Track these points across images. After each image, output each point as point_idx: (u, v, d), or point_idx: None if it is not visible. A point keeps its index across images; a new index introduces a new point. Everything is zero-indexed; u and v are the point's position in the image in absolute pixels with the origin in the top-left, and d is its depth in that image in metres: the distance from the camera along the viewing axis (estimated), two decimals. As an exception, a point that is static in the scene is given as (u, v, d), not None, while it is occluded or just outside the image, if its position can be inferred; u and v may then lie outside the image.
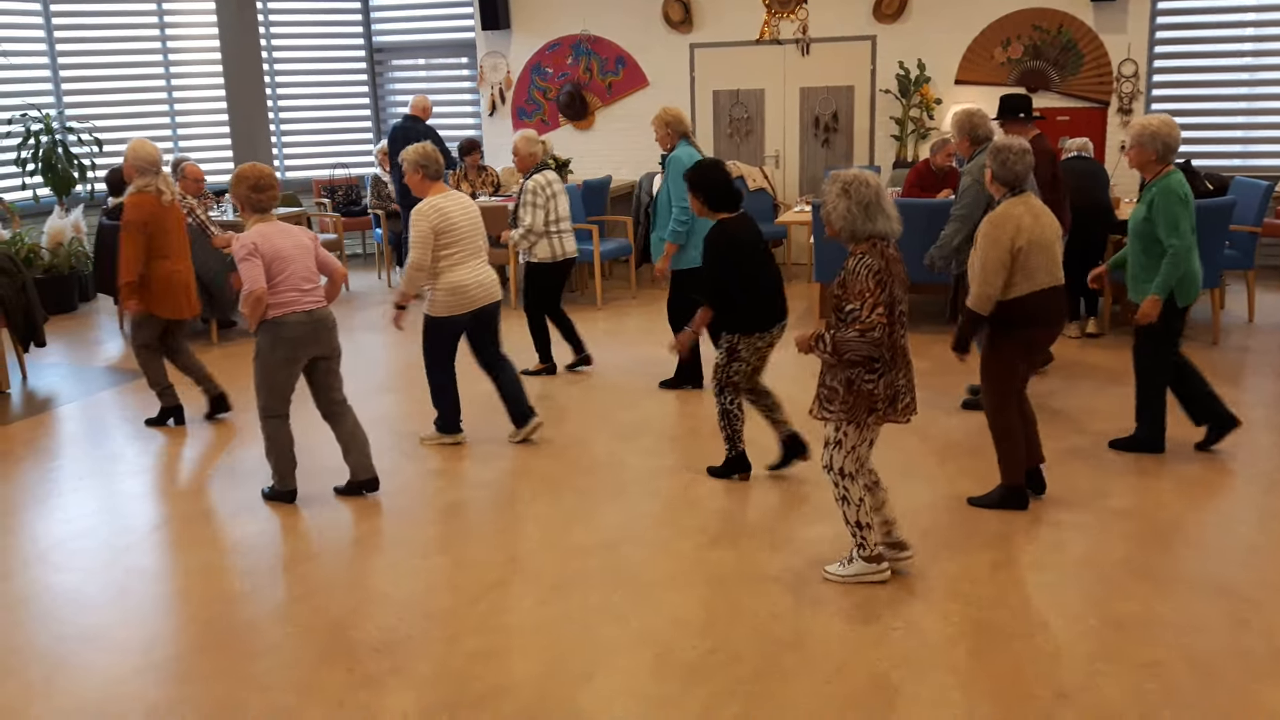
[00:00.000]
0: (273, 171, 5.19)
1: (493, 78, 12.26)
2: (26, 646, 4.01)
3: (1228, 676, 3.59)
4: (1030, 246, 4.76)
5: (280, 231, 5.11)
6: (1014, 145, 4.86)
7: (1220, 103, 10.46)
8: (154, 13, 11.90)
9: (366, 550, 4.77)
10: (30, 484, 5.71)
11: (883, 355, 4.07)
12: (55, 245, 10.07)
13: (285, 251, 5.04)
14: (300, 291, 5.05)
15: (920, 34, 10.84)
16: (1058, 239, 4.87)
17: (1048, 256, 4.82)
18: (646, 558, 4.60)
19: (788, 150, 11.45)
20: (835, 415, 4.16)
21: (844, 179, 4.13)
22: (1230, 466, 5.45)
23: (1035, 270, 4.79)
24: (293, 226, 5.21)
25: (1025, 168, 4.84)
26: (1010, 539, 4.68)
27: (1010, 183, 4.87)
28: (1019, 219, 4.78)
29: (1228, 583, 4.24)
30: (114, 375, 7.88)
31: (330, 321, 5.18)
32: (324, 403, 5.30)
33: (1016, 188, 4.87)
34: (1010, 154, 4.84)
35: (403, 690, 3.64)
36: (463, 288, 5.73)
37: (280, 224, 5.17)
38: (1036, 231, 4.79)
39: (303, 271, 5.07)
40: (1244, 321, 8.43)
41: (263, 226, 5.09)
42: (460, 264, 5.73)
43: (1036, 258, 4.79)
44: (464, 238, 5.74)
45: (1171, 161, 5.32)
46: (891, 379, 4.12)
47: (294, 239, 5.12)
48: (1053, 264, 4.84)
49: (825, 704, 3.49)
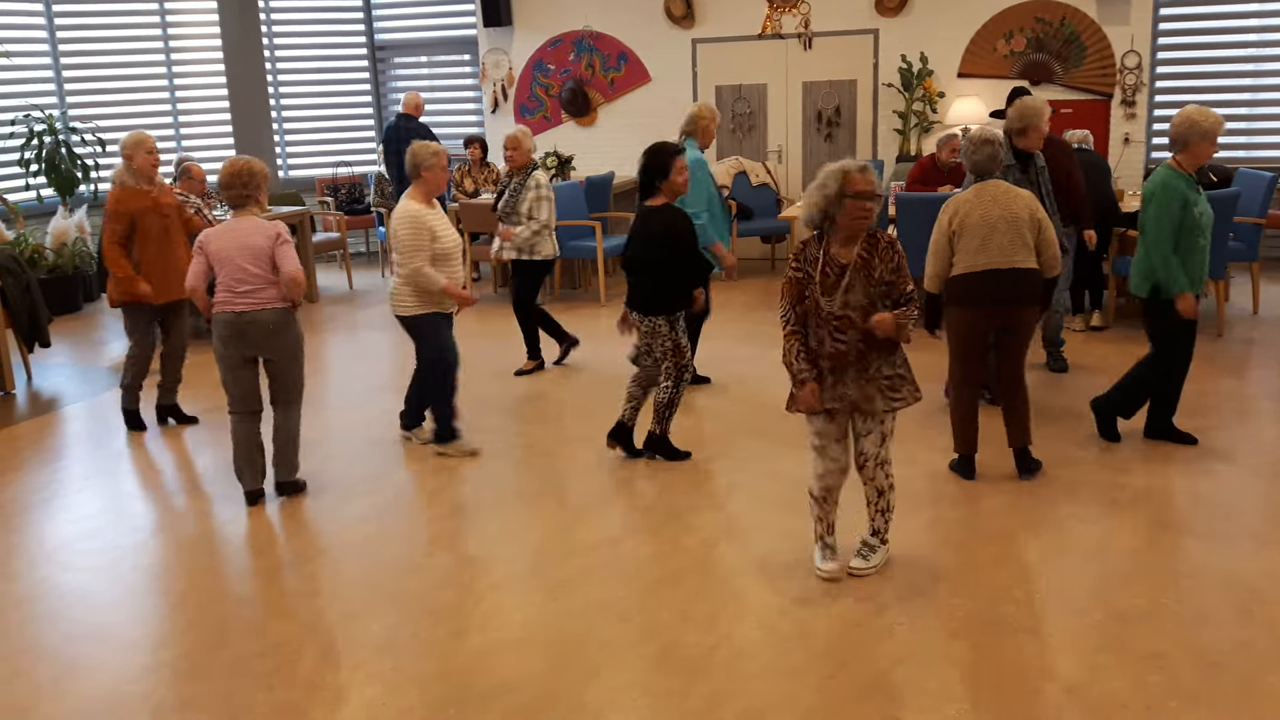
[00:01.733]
0: (247, 166, 5.13)
1: (495, 75, 12.26)
2: (34, 646, 4.02)
3: (1233, 668, 3.59)
4: (963, 229, 5.03)
5: (231, 230, 5.09)
6: (974, 136, 5.19)
7: (1224, 94, 10.43)
8: (156, 12, 11.90)
9: (371, 548, 4.77)
10: (36, 484, 5.72)
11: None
12: (59, 246, 10.09)
13: (225, 252, 5.06)
14: (232, 293, 5.05)
15: (923, 27, 10.82)
16: (1017, 224, 4.98)
17: (983, 239, 4.98)
18: (650, 554, 4.61)
19: (790, 145, 11.44)
20: (909, 396, 4.14)
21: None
22: (1235, 458, 5.44)
23: (966, 252, 5.02)
24: (255, 225, 5.10)
25: (984, 158, 5.14)
26: (1014, 533, 4.68)
27: (974, 171, 5.19)
28: (960, 202, 5.08)
29: (1233, 575, 4.24)
30: (118, 375, 7.88)
31: (266, 324, 5.07)
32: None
33: (982, 175, 5.15)
34: (970, 145, 5.19)
35: (407, 687, 3.65)
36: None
37: (241, 222, 5.12)
38: (977, 214, 5.00)
39: (237, 273, 5.04)
40: (1249, 313, 8.41)
41: (222, 225, 5.14)
42: (448, 264, 5.73)
43: (969, 240, 5.01)
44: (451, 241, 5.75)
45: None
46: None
47: (240, 239, 5.05)
48: (990, 247, 4.97)
49: (829, 699, 3.49)
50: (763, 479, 5.40)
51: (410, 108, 10.25)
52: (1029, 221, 5.01)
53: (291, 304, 5.16)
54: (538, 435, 6.18)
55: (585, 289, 10.39)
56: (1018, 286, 5.01)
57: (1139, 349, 7.49)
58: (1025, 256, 5.00)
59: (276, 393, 5.24)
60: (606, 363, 7.67)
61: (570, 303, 9.78)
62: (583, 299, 9.93)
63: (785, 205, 11.05)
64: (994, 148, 5.16)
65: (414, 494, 5.39)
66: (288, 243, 5.10)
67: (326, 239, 10.88)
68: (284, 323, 5.13)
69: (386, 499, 5.33)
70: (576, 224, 9.66)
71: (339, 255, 11.96)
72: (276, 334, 5.12)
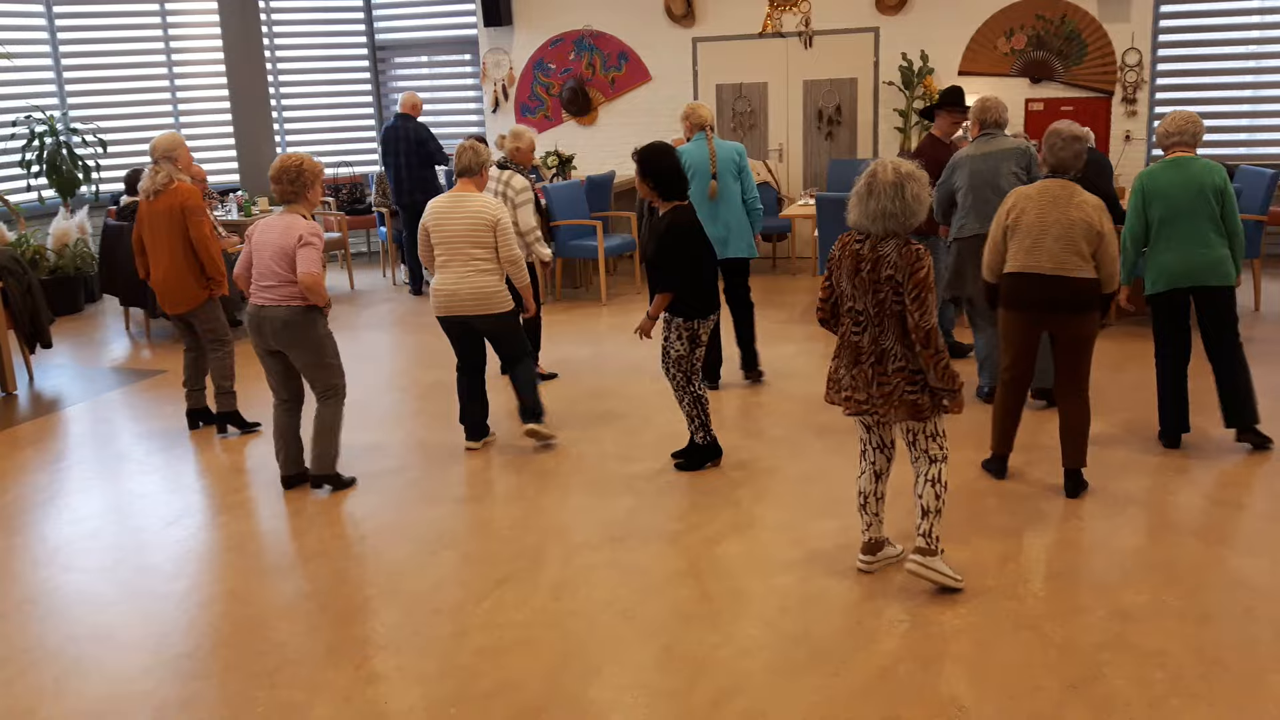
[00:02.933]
0: (295, 163, 5.19)
1: (495, 74, 12.26)
2: (37, 646, 4.02)
3: (1235, 666, 3.59)
4: (1017, 225, 4.95)
5: (270, 226, 5.24)
6: (1064, 132, 4.98)
7: (1225, 91, 10.43)
8: (157, 13, 11.91)
9: (374, 547, 4.78)
10: (38, 485, 5.73)
11: (839, 340, 4.17)
12: (60, 247, 10.09)
13: (260, 247, 5.25)
14: (258, 286, 5.26)
15: (923, 25, 10.82)
16: (1072, 230, 4.80)
17: (1034, 240, 4.87)
18: (653, 552, 4.61)
19: (791, 143, 11.44)
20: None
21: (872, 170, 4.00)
22: (1237, 457, 5.44)
23: (1017, 250, 4.95)
24: (288, 224, 5.18)
25: (1070, 155, 4.94)
26: (1018, 531, 4.68)
27: (1054, 167, 5.00)
28: (1021, 196, 4.98)
29: (1235, 573, 4.24)
30: (120, 376, 7.90)
31: (277, 321, 5.17)
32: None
33: (1058, 172, 4.98)
34: (1059, 139, 4.96)
35: (410, 686, 3.65)
36: (434, 290, 5.71)
37: (280, 219, 5.23)
38: (1033, 214, 4.89)
39: (262, 268, 5.23)
40: (1250, 310, 8.40)
41: (268, 219, 5.28)
42: (440, 267, 5.70)
43: (1020, 239, 4.92)
44: (446, 240, 5.62)
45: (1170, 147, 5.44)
46: (836, 367, 4.19)
47: (270, 236, 5.20)
48: (1039, 251, 4.85)
49: (833, 696, 3.49)
50: (765, 478, 5.40)
51: (408, 107, 10.24)
52: (1086, 230, 4.80)
53: (311, 304, 5.20)
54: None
55: (586, 288, 10.39)
56: (1064, 295, 4.83)
57: (1140, 345, 7.49)
58: (1077, 265, 4.81)
59: (311, 387, 5.40)
60: (608, 362, 7.67)
61: (572, 302, 9.78)
62: (584, 298, 9.93)
63: (786, 204, 11.06)
64: (1081, 145, 4.94)
65: (417, 494, 5.39)
66: (309, 245, 5.14)
67: (328, 239, 10.88)
68: (298, 322, 5.18)
69: (389, 498, 5.33)
70: (578, 224, 9.66)
71: (340, 255, 11.97)
72: (287, 330, 5.19)
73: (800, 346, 7.89)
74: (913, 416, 4.03)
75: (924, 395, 4.01)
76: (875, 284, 3.98)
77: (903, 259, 3.93)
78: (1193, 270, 5.28)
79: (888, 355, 4.03)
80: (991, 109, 6.32)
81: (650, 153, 5.26)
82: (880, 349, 4.03)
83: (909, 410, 4.02)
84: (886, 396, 4.03)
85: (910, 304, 3.93)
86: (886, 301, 3.98)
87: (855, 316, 4.07)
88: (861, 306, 4.04)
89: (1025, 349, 5.04)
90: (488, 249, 5.62)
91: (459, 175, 5.72)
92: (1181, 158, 5.35)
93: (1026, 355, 5.05)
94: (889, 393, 4.02)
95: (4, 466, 6.02)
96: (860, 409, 4.11)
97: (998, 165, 6.19)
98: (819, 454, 5.69)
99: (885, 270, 3.95)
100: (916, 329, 3.93)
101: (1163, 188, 5.32)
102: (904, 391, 4.00)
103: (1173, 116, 5.41)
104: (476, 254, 5.61)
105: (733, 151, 6.78)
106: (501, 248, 5.63)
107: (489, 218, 5.60)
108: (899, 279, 3.94)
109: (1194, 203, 5.26)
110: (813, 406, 6.48)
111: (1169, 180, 5.31)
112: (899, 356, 4.01)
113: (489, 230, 5.60)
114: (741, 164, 6.81)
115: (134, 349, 8.73)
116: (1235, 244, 5.34)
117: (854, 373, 4.10)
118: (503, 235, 5.62)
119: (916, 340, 3.94)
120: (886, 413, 4.05)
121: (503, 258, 5.66)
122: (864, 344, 4.07)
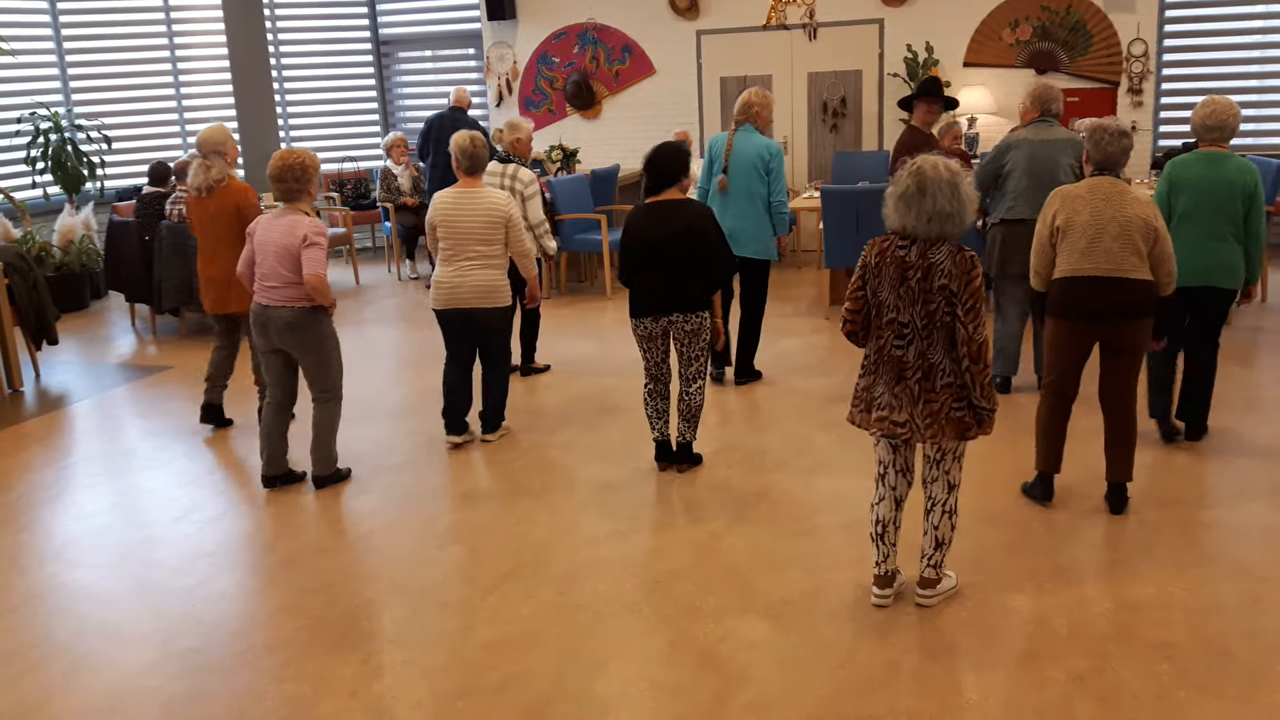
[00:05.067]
0: (298, 160, 5.16)
1: (499, 68, 12.25)
2: (45, 641, 4.04)
3: (1242, 657, 3.58)
4: (1069, 227, 4.57)
5: (273, 224, 5.20)
6: (1111, 127, 4.65)
7: (1231, 81, 10.39)
8: (160, 9, 11.91)
9: (380, 541, 4.78)
10: (45, 481, 5.74)
11: (868, 355, 3.88)
12: (66, 243, 10.11)
13: (263, 245, 5.22)
14: (262, 285, 5.24)
15: (928, 17, 10.79)
16: (1129, 228, 4.50)
17: (1090, 241, 4.52)
18: (658, 546, 4.61)
19: (796, 136, 11.42)
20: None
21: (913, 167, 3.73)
22: (1242, 447, 5.43)
23: (1071, 253, 4.58)
24: (291, 223, 5.14)
25: (1120, 150, 4.62)
26: (1024, 524, 4.67)
27: (1102, 164, 4.66)
28: (1068, 196, 4.64)
29: (1242, 564, 4.23)
30: (126, 372, 7.92)
31: (283, 321, 5.16)
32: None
33: (1106, 169, 4.66)
34: (1106, 134, 4.64)
35: (417, 680, 3.66)
36: (435, 283, 5.71)
37: (282, 218, 5.18)
38: (1086, 213, 4.55)
39: (265, 268, 5.20)
40: (1257, 301, 8.38)
41: (269, 215, 5.27)
42: (444, 261, 5.69)
43: (1074, 240, 4.56)
44: (454, 235, 5.62)
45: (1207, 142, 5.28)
46: (869, 385, 3.87)
47: (273, 235, 5.16)
48: (1096, 251, 4.51)
49: (838, 689, 3.49)
50: (770, 471, 5.40)
51: (461, 101, 10.08)
52: (1143, 228, 4.49)
53: (317, 305, 5.18)
54: (544, 430, 6.18)
55: (591, 283, 10.39)
56: (1124, 298, 4.50)
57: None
58: (1135, 265, 4.49)
59: (309, 387, 5.36)
60: (612, 357, 7.67)
61: (576, 296, 9.78)
62: (588, 293, 9.93)
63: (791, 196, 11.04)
64: (1129, 141, 4.64)
65: (423, 488, 5.39)
66: (314, 245, 5.10)
67: (333, 234, 10.88)
68: (303, 323, 5.17)
69: (395, 493, 5.34)
70: (582, 217, 9.66)
71: (345, 250, 11.97)
72: (294, 332, 5.18)
73: (805, 340, 7.89)
74: (959, 435, 3.76)
75: (969, 413, 3.75)
76: (926, 294, 3.68)
77: (957, 267, 3.65)
78: (1205, 269, 5.19)
79: (935, 370, 3.73)
80: (1056, 97, 6.21)
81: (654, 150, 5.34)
82: (928, 364, 3.73)
83: (956, 429, 3.74)
84: (934, 415, 3.74)
85: (964, 315, 3.65)
86: (937, 313, 3.69)
87: (898, 329, 3.75)
88: (907, 318, 3.73)
89: (1076, 359, 4.70)
90: (495, 244, 5.63)
91: (467, 173, 5.73)
92: (1217, 153, 5.19)
93: (1076, 366, 4.71)
94: (935, 411, 3.74)
95: (11, 463, 6.04)
96: (896, 431, 3.79)
97: (1056, 155, 6.07)
98: (824, 448, 5.68)
99: (938, 279, 3.66)
100: (970, 342, 3.66)
101: (1194, 180, 5.17)
102: (951, 409, 3.73)
103: (1211, 108, 5.18)
104: (483, 249, 5.62)
105: (761, 149, 6.49)
106: (513, 243, 5.66)
107: (501, 214, 5.61)
108: (953, 288, 3.65)
109: (1221, 202, 5.13)
110: (818, 401, 6.48)
111: (1200, 174, 5.16)
112: (947, 371, 3.72)
113: (501, 227, 5.62)
114: (771, 165, 6.49)
115: (140, 345, 8.74)
116: (1254, 246, 5.21)
117: (896, 390, 3.77)
118: (514, 230, 5.65)
119: (968, 354, 3.67)
120: (933, 433, 3.75)
121: (514, 252, 5.69)
122: (909, 359, 3.75)
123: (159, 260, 8.62)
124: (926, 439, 3.78)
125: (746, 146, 6.52)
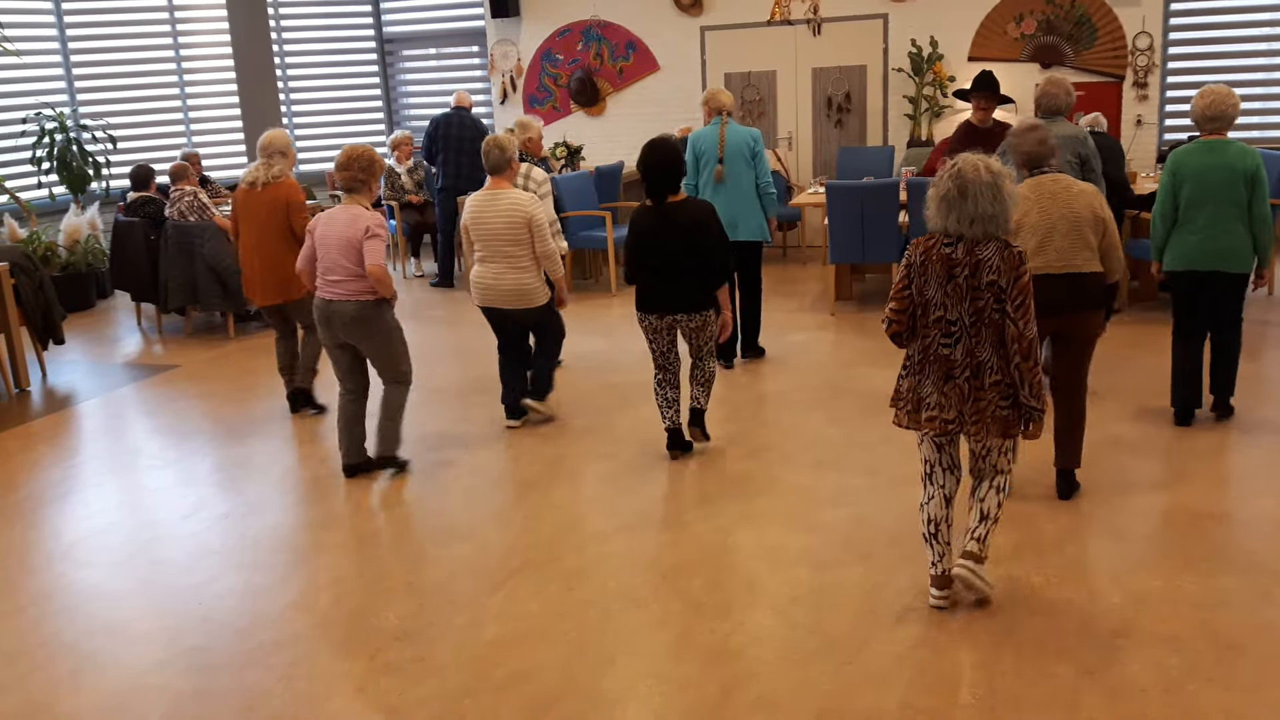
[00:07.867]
0: (368, 154, 5.32)
1: (503, 66, 12.25)
2: (53, 640, 4.04)
3: (1250, 650, 3.57)
4: (1019, 227, 4.63)
5: (335, 218, 5.27)
6: (1020, 125, 4.84)
7: (1237, 74, 10.36)
8: (165, 8, 11.92)
9: (388, 538, 4.79)
10: (52, 480, 5.75)
11: (911, 355, 3.85)
12: (72, 243, 10.13)
13: (325, 240, 5.28)
14: (325, 280, 5.29)
15: (932, 11, 10.77)
16: (1079, 223, 4.61)
17: (1041, 240, 4.62)
18: (665, 542, 4.61)
19: (800, 131, 11.41)
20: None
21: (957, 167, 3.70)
22: (1252, 441, 5.41)
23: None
24: (353, 216, 5.22)
25: (1032, 144, 4.71)
26: (1032, 516, 4.66)
27: (1026, 163, 4.76)
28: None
29: (1250, 557, 4.22)
30: (133, 371, 7.93)
31: (347, 315, 5.24)
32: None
33: (1034, 167, 4.75)
34: (1015, 137, 4.80)
35: (425, 677, 3.66)
36: (474, 281, 5.87)
37: (344, 211, 5.27)
38: (1035, 213, 4.64)
39: (326, 262, 5.27)
40: (1264, 295, 8.36)
41: (332, 210, 5.34)
42: (480, 261, 5.83)
43: (1025, 240, 4.63)
44: (484, 238, 5.75)
45: (1207, 131, 5.40)
46: (916, 385, 3.84)
47: (335, 229, 5.24)
48: (1048, 249, 4.60)
49: (846, 684, 3.49)
50: (777, 466, 5.40)
51: (464, 102, 10.16)
52: (1092, 221, 4.61)
53: (380, 297, 5.25)
54: (553, 425, 6.18)
55: (596, 280, 10.38)
56: (1076, 292, 4.61)
57: (1151, 330, 7.45)
58: (1088, 259, 4.61)
59: (379, 375, 5.47)
60: (619, 354, 7.67)
61: (582, 293, 9.78)
62: (594, 289, 9.93)
63: (796, 192, 11.02)
64: (1043, 131, 4.71)
65: (429, 485, 5.40)
66: (375, 237, 5.20)
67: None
68: (366, 316, 5.25)
69: (400, 490, 5.34)
70: (587, 214, 9.66)
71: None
72: (358, 325, 5.26)
73: (811, 335, 7.88)
74: (1003, 434, 3.74)
75: (1014, 411, 3.73)
76: (974, 291, 3.68)
77: (1005, 263, 3.64)
78: (1212, 254, 5.33)
79: (984, 368, 3.71)
80: (1054, 94, 6.18)
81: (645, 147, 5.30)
82: (976, 361, 3.72)
83: (1001, 427, 3.73)
84: (981, 413, 3.72)
85: (1013, 311, 3.64)
86: (986, 309, 3.68)
87: (946, 327, 3.73)
88: (955, 316, 3.72)
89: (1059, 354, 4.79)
90: (524, 245, 5.71)
91: (490, 173, 5.79)
92: (1216, 141, 5.34)
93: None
94: (982, 408, 3.72)
95: (18, 462, 6.05)
96: (948, 429, 3.78)
97: (1061, 150, 6.09)
98: (831, 443, 5.68)
99: (986, 275, 3.66)
100: (1020, 339, 3.65)
101: (1195, 170, 5.32)
102: (997, 407, 3.71)
103: (1209, 98, 5.30)
104: (514, 251, 5.71)
105: (746, 137, 6.86)
106: (537, 242, 5.70)
107: (523, 214, 5.67)
108: (1002, 284, 3.65)
109: (1224, 187, 5.28)
110: (824, 394, 6.47)
111: (1201, 162, 5.32)
112: (995, 369, 3.71)
113: (524, 227, 5.67)
114: (756, 149, 6.87)
115: (146, 344, 8.76)
116: (1261, 230, 5.30)
117: (945, 389, 3.75)
118: (537, 230, 5.68)
119: (1018, 352, 3.66)
120: (978, 430, 3.74)
121: (538, 252, 5.73)
122: (957, 357, 3.73)
123: (164, 259, 8.63)
124: (971, 435, 3.78)
125: (734, 136, 6.84)
